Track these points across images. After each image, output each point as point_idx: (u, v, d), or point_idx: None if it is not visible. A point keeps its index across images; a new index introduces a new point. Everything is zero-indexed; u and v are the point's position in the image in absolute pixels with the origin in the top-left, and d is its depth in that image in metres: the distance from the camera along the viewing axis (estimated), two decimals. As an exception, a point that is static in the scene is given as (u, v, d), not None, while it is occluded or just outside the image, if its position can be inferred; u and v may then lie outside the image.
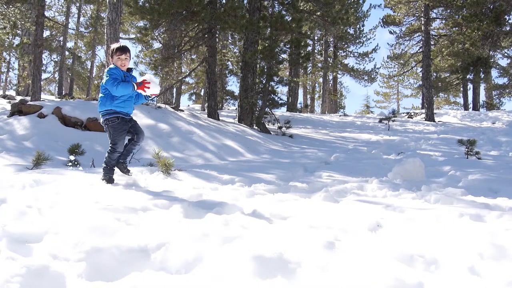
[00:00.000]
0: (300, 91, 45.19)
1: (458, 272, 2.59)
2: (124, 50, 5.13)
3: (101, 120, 5.28)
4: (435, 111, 28.91)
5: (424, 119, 26.88)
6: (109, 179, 5.39)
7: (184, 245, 2.76)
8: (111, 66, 5.12)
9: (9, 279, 2.04)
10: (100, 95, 5.22)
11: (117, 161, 5.53)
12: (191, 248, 2.73)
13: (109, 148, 5.35)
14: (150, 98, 5.53)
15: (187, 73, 29.73)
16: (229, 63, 31.79)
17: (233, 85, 58.94)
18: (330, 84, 43.54)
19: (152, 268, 2.48)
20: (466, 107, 37.40)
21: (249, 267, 2.39)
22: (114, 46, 5.18)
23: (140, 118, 13.92)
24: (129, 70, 5.27)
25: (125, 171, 5.71)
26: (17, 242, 2.73)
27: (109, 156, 5.37)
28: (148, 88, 5.12)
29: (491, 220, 4.22)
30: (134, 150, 5.68)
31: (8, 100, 24.33)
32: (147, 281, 2.22)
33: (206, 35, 20.58)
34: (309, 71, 42.07)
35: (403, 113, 34.97)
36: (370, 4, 53.76)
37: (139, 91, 5.16)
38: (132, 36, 35.17)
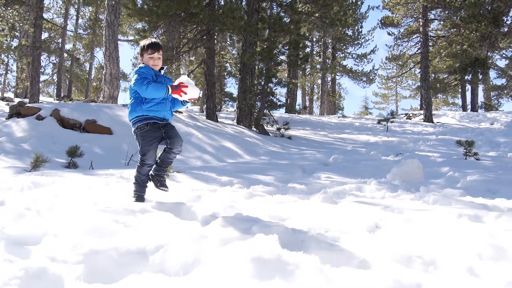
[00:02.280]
0: (299, 93, 45.23)
1: (456, 273, 2.59)
2: (156, 47, 4.38)
3: (132, 129, 4.47)
4: (433, 112, 28.95)
5: (422, 120, 26.90)
6: (138, 197, 4.49)
7: (182, 247, 2.75)
8: (141, 65, 4.42)
9: (8, 282, 2.03)
10: (130, 101, 4.44)
11: (149, 174, 4.59)
12: (190, 250, 2.72)
13: (138, 161, 4.51)
14: (186, 104, 4.64)
15: (185, 75, 29.68)
16: (227, 64, 31.84)
17: (232, 86, 59.12)
18: (329, 86, 43.55)
19: (151, 270, 2.47)
20: (464, 108, 37.44)
21: (247, 269, 2.39)
22: (144, 42, 4.43)
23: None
24: (161, 69, 4.51)
25: (159, 185, 4.53)
26: (16, 244, 2.73)
27: (138, 171, 4.50)
28: (185, 93, 4.26)
29: (490, 220, 4.22)
30: (170, 160, 4.52)
31: (7, 102, 24.34)
32: (145, 283, 2.21)
33: (204, 37, 20.60)
34: (307, 73, 42.08)
35: (402, 114, 35.01)
36: (369, 6, 53.89)
37: (175, 95, 4.30)
38: (131, 37, 35.27)
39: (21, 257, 2.48)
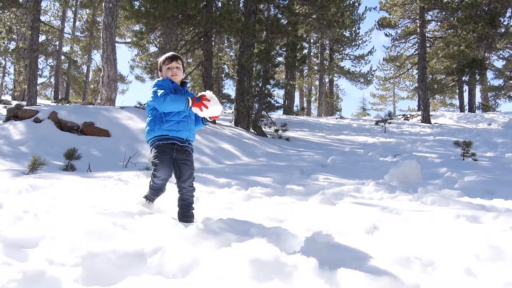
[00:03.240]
0: (297, 94, 45.30)
1: (454, 274, 2.59)
2: (173, 57, 4.05)
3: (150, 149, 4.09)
4: (431, 113, 28.97)
5: (420, 121, 26.93)
6: (147, 198, 4.20)
7: (180, 249, 2.75)
8: (159, 78, 4.08)
9: (5, 285, 2.03)
10: (148, 119, 4.05)
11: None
12: (188, 252, 2.72)
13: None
14: (207, 122, 4.20)
15: (183, 77, 29.70)
16: (225, 66, 31.82)
17: (230, 88, 59.11)
18: (327, 87, 43.60)
19: (149, 272, 2.47)
20: (462, 109, 37.49)
21: (245, 270, 2.38)
22: (161, 58, 4.13)
23: (137, 122, 13.90)
24: (183, 84, 4.12)
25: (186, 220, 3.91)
26: (13, 247, 2.72)
27: (151, 179, 4.08)
28: (207, 107, 3.80)
29: (488, 221, 4.23)
30: (186, 197, 3.95)
31: (4, 105, 24.28)
32: (143, 285, 2.21)
33: (202, 39, 20.61)
34: (305, 74, 42.12)
35: (400, 115, 35.05)
36: (366, 7, 53.91)
37: (195, 109, 3.83)
38: (128, 40, 35.25)
39: (19, 260, 2.47)
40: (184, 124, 3.96)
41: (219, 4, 20.75)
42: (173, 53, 4.17)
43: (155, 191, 4.16)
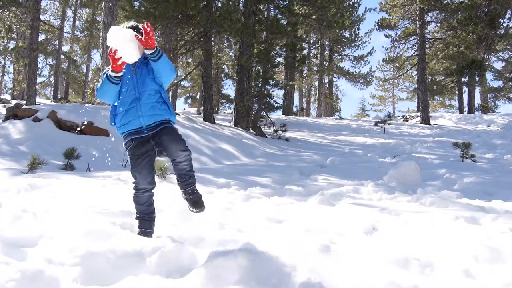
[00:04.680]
0: (296, 95, 45.25)
1: (453, 275, 2.59)
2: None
3: None
4: (430, 114, 28.95)
5: (419, 122, 26.92)
6: (142, 233, 3.24)
7: (179, 249, 2.75)
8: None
9: (4, 284, 2.03)
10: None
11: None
12: (187, 252, 2.73)
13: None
14: (153, 57, 3.13)
15: (182, 77, 29.74)
16: (224, 66, 31.83)
17: (229, 88, 59.17)
18: (326, 88, 43.59)
19: (147, 272, 2.47)
20: (461, 110, 37.48)
21: (243, 271, 2.38)
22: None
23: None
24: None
25: (190, 207, 3.41)
26: (12, 246, 2.72)
27: (134, 201, 3.34)
28: (116, 60, 3.12)
29: (486, 223, 4.23)
30: (181, 173, 3.31)
31: (3, 104, 24.22)
32: (142, 285, 2.21)
33: (201, 39, 20.60)
34: (304, 75, 42.07)
35: (399, 116, 35.03)
36: (366, 8, 53.93)
37: (112, 72, 3.18)
38: (128, 39, 35.10)
39: (18, 259, 2.47)
40: (133, 112, 3.20)
41: (219, 4, 20.75)
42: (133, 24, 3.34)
43: (143, 217, 3.31)
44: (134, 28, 3.25)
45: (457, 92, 39.29)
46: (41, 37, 33.98)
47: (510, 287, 2.44)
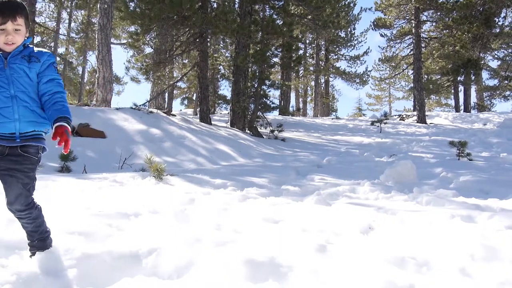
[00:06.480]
0: (292, 95, 45.27)
1: (449, 274, 2.60)
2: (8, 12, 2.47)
3: None
4: (426, 113, 29.03)
5: (415, 121, 26.97)
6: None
7: (176, 250, 2.75)
8: None
9: (0, 287, 2.02)
10: None
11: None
12: (183, 253, 2.72)
13: None
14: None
15: (178, 78, 29.76)
16: (221, 67, 31.86)
17: (225, 89, 59.02)
18: (322, 87, 43.61)
19: (144, 273, 2.47)
20: (457, 109, 37.59)
21: (241, 271, 2.39)
22: None
23: (132, 123, 13.88)
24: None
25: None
26: (7, 249, 2.71)
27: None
28: None
29: (482, 221, 4.24)
30: (24, 225, 2.57)
31: (-1, 107, 24.18)
32: (138, 286, 2.21)
33: (197, 40, 20.59)
34: (301, 75, 42.12)
35: (395, 115, 35.10)
36: (361, 8, 53.91)
37: None
38: (124, 41, 35.20)
39: (13, 262, 2.46)
40: (8, 110, 2.45)
41: (215, 5, 20.73)
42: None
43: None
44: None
45: (453, 91, 39.42)
46: (37, 39, 33.90)
47: (506, 286, 2.44)
